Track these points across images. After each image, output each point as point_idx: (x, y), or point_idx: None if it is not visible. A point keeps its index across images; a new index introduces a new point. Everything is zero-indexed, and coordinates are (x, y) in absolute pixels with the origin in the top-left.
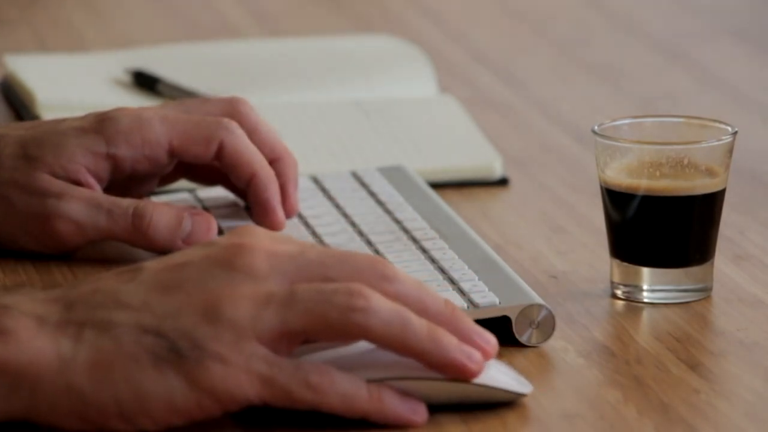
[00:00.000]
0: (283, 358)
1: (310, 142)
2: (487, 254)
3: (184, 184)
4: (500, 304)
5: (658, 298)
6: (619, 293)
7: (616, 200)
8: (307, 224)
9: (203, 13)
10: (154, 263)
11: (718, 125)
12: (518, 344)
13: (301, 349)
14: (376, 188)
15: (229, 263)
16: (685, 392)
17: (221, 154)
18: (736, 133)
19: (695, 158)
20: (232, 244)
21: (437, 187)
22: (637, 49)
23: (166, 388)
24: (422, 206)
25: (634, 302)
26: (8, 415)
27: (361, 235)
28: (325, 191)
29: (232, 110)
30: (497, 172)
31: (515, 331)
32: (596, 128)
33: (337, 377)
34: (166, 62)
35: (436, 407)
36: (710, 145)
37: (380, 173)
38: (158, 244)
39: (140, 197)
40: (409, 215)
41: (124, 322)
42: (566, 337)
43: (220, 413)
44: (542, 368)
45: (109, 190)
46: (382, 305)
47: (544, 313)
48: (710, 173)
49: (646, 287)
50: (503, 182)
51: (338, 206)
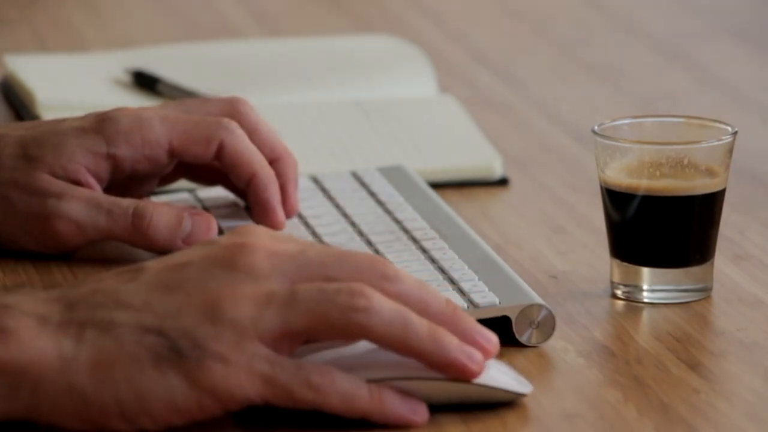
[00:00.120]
0: (284, 357)
1: (310, 142)
2: (487, 254)
3: (184, 184)
4: (500, 304)
5: (658, 298)
6: (619, 293)
7: (616, 200)
8: (307, 224)
9: (203, 13)
10: (154, 263)
11: (718, 125)
12: (518, 344)
13: (302, 349)
14: (376, 188)
15: (230, 263)
16: (685, 392)
17: (221, 154)
18: (736, 133)
19: (695, 158)
20: (232, 243)
21: (437, 187)
22: (637, 49)
23: (166, 387)
24: (422, 206)
25: (634, 302)
26: (9, 415)
27: (361, 235)
28: (325, 191)
29: (232, 110)
30: (497, 172)
31: (515, 331)
32: (596, 128)
33: (338, 377)
34: (166, 62)
35: (436, 407)
36: (710, 145)
37: (380, 173)
38: (158, 244)
39: (140, 197)
40: (409, 215)
41: (125, 321)
42: (566, 337)
43: (220, 413)
44: (542, 368)
45: (109, 190)
46: (383, 305)
47: (544, 313)
48: (710, 173)
49: (646, 287)
50: (503, 182)
51: (338, 206)
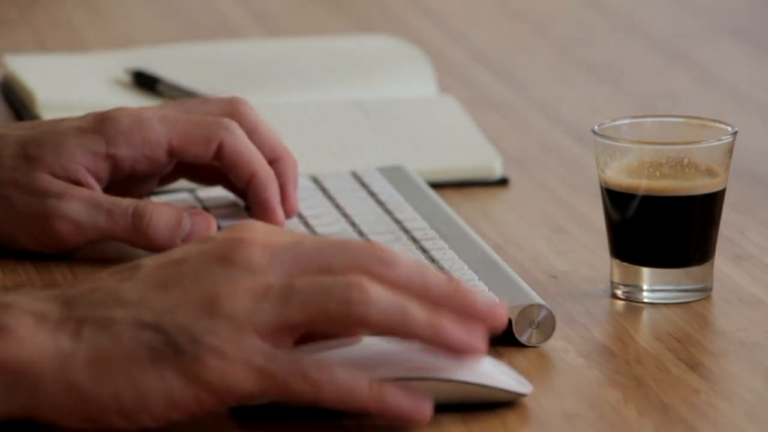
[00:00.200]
0: (281, 351)
1: (310, 142)
2: (487, 254)
3: (184, 184)
4: None
5: (658, 298)
6: (619, 293)
7: (616, 200)
8: (307, 224)
9: (203, 13)
10: (150, 261)
11: (718, 125)
12: (518, 344)
13: (303, 348)
14: (376, 188)
15: (226, 258)
16: (685, 392)
17: (221, 154)
18: (736, 133)
19: (695, 158)
20: (228, 239)
21: (437, 187)
22: (637, 49)
23: (164, 383)
24: (422, 206)
25: (634, 302)
26: (8, 414)
27: (361, 235)
28: (325, 191)
29: (232, 110)
30: (497, 172)
31: (515, 331)
32: (596, 128)
33: (336, 371)
34: (166, 62)
35: (436, 407)
36: (710, 145)
37: (380, 173)
38: (158, 243)
39: (140, 197)
40: (409, 215)
41: (122, 319)
42: (566, 337)
43: (219, 408)
44: (542, 368)
45: (108, 190)
46: (381, 296)
47: (544, 313)
48: (710, 173)
49: (646, 287)
50: (503, 182)
51: (338, 206)
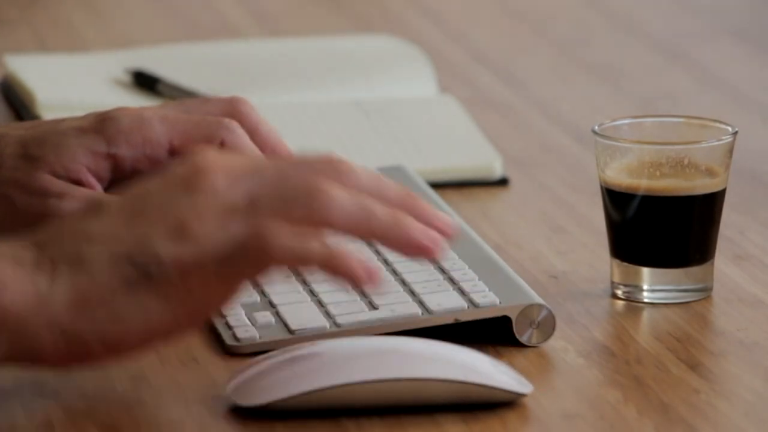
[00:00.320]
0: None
1: (310, 142)
2: (487, 254)
3: None
4: (500, 304)
5: (658, 298)
6: (619, 293)
7: (616, 200)
8: None
9: (203, 13)
10: (114, 197)
11: (718, 125)
12: (518, 344)
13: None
14: None
15: (189, 186)
16: (685, 392)
17: None
18: (736, 133)
19: (695, 158)
20: (190, 168)
21: (437, 187)
22: (637, 49)
23: (142, 309)
24: None
25: (634, 302)
26: None
27: None
28: None
29: (232, 110)
30: (497, 172)
31: (515, 331)
32: (596, 128)
33: (287, 233)
34: (166, 62)
35: (436, 407)
36: (710, 145)
37: (380, 173)
38: None
39: None
40: None
41: (95, 254)
42: (566, 337)
43: (196, 327)
44: (542, 368)
45: (109, 189)
46: (343, 197)
47: (544, 313)
48: (710, 173)
49: (646, 287)
50: (503, 182)
51: None
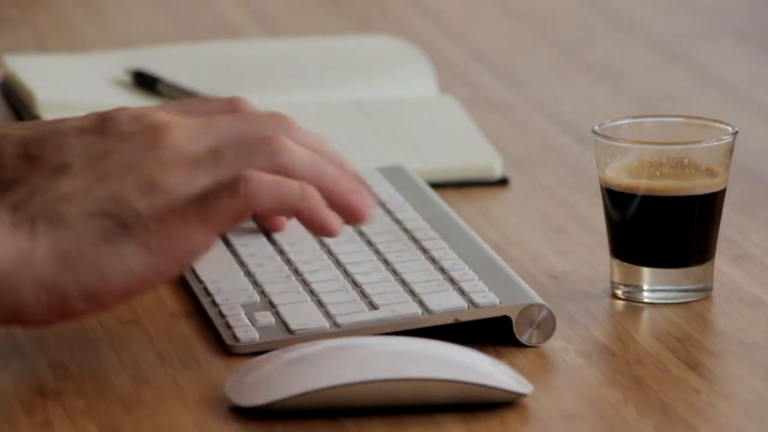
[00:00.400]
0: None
1: None
2: (487, 254)
3: None
4: (500, 304)
5: (658, 298)
6: (619, 293)
7: (616, 200)
8: None
9: (203, 13)
10: (76, 158)
11: (718, 125)
12: (518, 344)
13: (304, 346)
14: (376, 188)
15: (151, 142)
16: (685, 392)
17: None
18: (736, 133)
19: (695, 158)
20: (148, 127)
21: (437, 187)
22: (637, 49)
23: (121, 259)
24: (422, 206)
25: (634, 302)
26: None
27: (361, 234)
28: None
29: (232, 110)
30: (497, 172)
31: (515, 331)
32: (596, 128)
33: (266, 179)
34: (166, 62)
35: (436, 407)
36: (710, 145)
37: (380, 173)
38: None
39: None
40: (409, 215)
41: (71, 210)
42: (566, 337)
43: (175, 273)
44: (542, 368)
45: None
46: (297, 148)
47: (544, 313)
48: (710, 173)
49: (646, 287)
50: (503, 182)
51: None
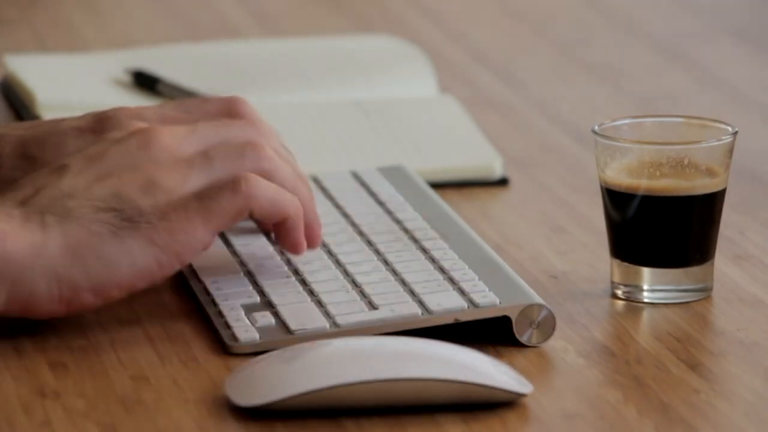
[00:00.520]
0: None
1: (310, 142)
2: (487, 254)
3: None
4: (500, 304)
5: (658, 298)
6: (619, 293)
7: (616, 200)
8: None
9: (203, 13)
10: (72, 159)
11: (718, 125)
12: (518, 344)
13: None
14: (376, 188)
15: (144, 145)
16: (685, 392)
17: None
18: (736, 133)
19: (695, 158)
20: (136, 131)
21: (437, 187)
22: (637, 49)
23: (127, 253)
24: (422, 206)
25: (634, 302)
26: None
27: (361, 234)
28: (325, 191)
29: (231, 110)
30: (497, 172)
31: (515, 331)
32: (596, 128)
33: (262, 184)
34: (166, 62)
35: (436, 407)
36: (710, 145)
37: (380, 173)
38: None
39: None
40: (409, 215)
41: (79, 206)
42: (566, 337)
43: (174, 268)
44: (542, 368)
45: None
46: (273, 155)
47: (544, 313)
48: (710, 173)
49: (646, 287)
50: (503, 182)
51: (338, 206)
